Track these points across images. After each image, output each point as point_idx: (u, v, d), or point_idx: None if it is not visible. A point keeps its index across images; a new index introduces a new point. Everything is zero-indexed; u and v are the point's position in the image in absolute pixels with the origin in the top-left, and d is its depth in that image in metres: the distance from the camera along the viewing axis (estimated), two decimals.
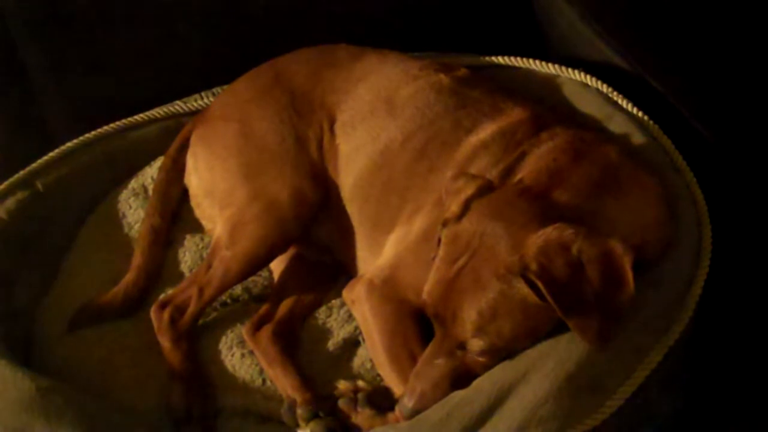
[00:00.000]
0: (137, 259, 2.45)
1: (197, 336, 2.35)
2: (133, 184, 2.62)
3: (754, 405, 2.35)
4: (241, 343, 2.33)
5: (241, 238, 2.33)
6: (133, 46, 2.78)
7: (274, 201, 2.33)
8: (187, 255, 2.50)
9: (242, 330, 2.34)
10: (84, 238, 2.55)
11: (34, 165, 2.56)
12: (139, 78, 2.82)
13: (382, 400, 2.11)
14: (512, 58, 2.61)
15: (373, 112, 2.37)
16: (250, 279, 2.43)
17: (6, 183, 2.51)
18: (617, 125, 2.34)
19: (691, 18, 2.48)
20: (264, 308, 2.38)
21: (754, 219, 2.25)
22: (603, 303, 1.82)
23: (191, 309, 2.32)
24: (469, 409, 1.90)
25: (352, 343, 2.30)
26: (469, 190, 2.00)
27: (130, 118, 2.67)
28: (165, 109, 2.70)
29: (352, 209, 2.36)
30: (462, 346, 1.95)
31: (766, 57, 2.38)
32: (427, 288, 1.97)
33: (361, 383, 2.16)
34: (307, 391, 2.18)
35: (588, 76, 2.46)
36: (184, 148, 2.53)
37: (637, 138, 2.29)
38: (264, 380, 2.26)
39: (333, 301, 2.39)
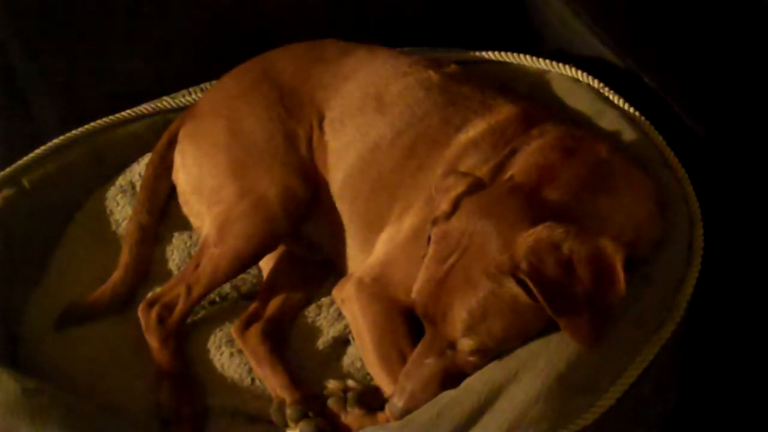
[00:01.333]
0: (125, 256, 2.44)
1: (185, 335, 2.34)
2: (121, 180, 2.60)
3: (747, 403, 2.35)
4: (230, 342, 2.31)
5: (230, 236, 2.31)
6: (119, 42, 2.76)
7: (263, 198, 2.31)
8: (175, 253, 2.48)
9: (231, 329, 2.33)
10: (71, 235, 2.54)
11: (20, 162, 2.54)
12: (125, 74, 2.80)
13: (372, 400, 2.10)
14: (503, 54, 2.59)
15: (362, 108, 2.35)
16: (239, 277, 2.41)
17: None
18: (608, 121, 2.32)
19: (684, 13, 2.47)
20: (253, 306, 2.36)
21: (746, 216, 2.24)
22: (594, 302, 1.81)
23: (179, 308, 2.30)
24: (459, 409, 1.89)
25: (342, 342, 2.29)
26: (459, 187, 1.98)
27: (117, 114, 2.65)
28: (152, 105, 2.67)
29: (342, 207, 2.34)
30: (452, 345, 1.93)
31: (758, 53, 2.37)
32: (417, 287, 1.95)
33: (350, 382, 2.15)
34: (296, 391, 2.17)
35: (579, 72, 2.44)
36: (171, 144, 2.52)
37: (629, 134, 2.27)
38: (253, 379, 2.25)
39: (323, 300, 2.37)
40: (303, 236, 2.41)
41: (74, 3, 2.68)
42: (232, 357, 2.29)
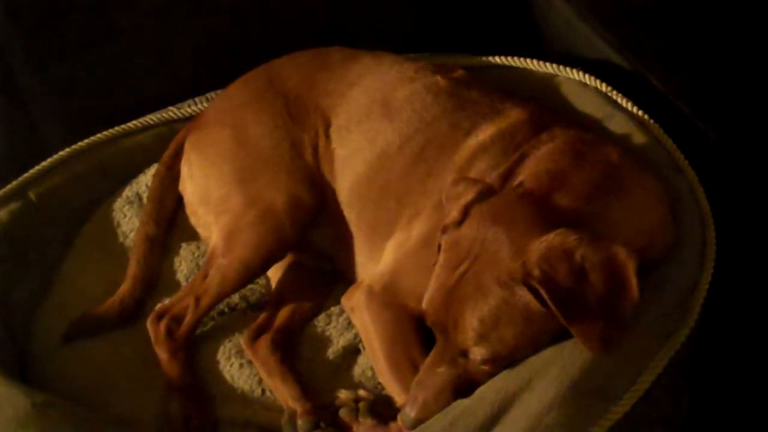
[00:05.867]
0: (132, 268, 2.43)
1: (195, 346, 2.32)
2: (128, 192, 2.59)
3: (762, 407, 2.33)
4: (240, 352, 2.30)
5: (238, 246, 2.30)
6: (124, 52, 2.75)
7: (270, 207, 2.30)
8: (183, 264, 2.47)
9: (240, 339, 2.32)
10: (79, 248, 2.52)
11: (26, 175, 2.53)
12: (130, 84, 2.79)
13: (383, 410, 2.09)
14: (509, 58, 2.58)
15: (369, 115, 2.34)
16: (248, 287, 2.40)
17: None
18: (617, 125, 2.30)
19: (692, 14, 2.45)
20: (262, 317, 2.35)
21: (758, 219, 2.23)
22: (607, 310, 1.79)
23: (188, 319, 2.29)
24: (472, 418, 1.87)
25: (352, 351, 2.27)
26: (469, 194, 1.96)
27: (123, 126, 2.64)
28: (158, 116, 2.66)
29: (350, 214, 2.33)
30: (464, 354, 1.91)
31: (767, 54, 2.35)
32: (428, 296, 1.94)
33: (362, 392, 2.13)
34: (307, 402, 2.16)
35: (587, 75, 2.43)
36: (178, 154, 2.51)
37: (638, 138, 2.26)
38: (263, 390, 2.24)
39: (332, 309, 2.36)
40: (311, 245, 2.39)
41: (77, 15, 2.67)
42: (242, 368, 2.27)
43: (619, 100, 2.36)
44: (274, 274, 2.43)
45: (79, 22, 2.69)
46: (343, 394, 2.13)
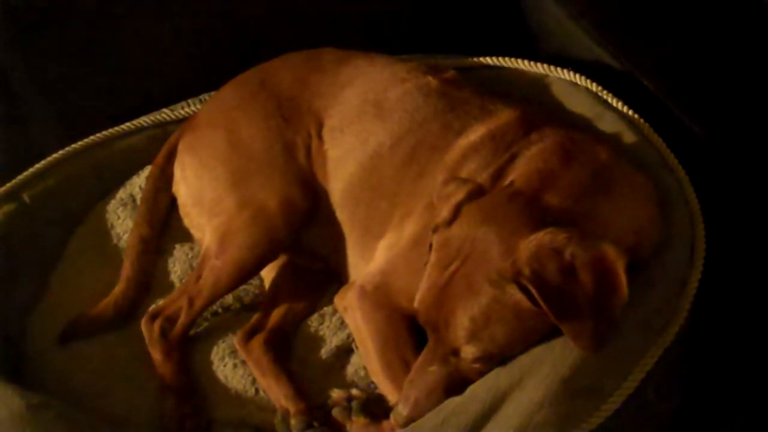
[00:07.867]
0: (126, 270, 2.44)
1: (189, 347, 2.33)
2: (121, 194, 2.59)
3: (752, 405, 2.34)
4: (233, 353, 2.31)
5: (231, 247, 2.31)
6: (118, 54, 2.76)
7: (263, 208, 2.31)
8: (177, 265, 2.48)
9: (234, 340, 2.33)
10: (73, 249, 2.53)
11: (20, 177, 2.54)
12: (125, 86, 2.80)
13: (376, 408, 2.10)
14: (500, 59, 2.59)
15: (361, 116, 2.34)
16: (241, 288, 2.41)
17: None
18: (607, 124, 2.32)
19: (681, 15, 2.47)
20: (255, 317, 2.36)
21: (747, 216, 2.24)
22: (596, 308, 1.80)
23: (182, 320, 2.30)
24: (464, 416, 1.89)
25: (345, 351, 2.28)
26: (460, 194, 1.98)
27: (116, 128, 2.65)
28: (152, 118, 2.67)
29: (343, 215, 2.34)
30: (455, 352, 1.92)
31: (756, 53, 2.36)
32: (419, 295, 1.95)
33: (355, 391, 2.14)
34: (300, 401, 2.17)
35: (577, 75, 2.44)
36: (171, 156, 2.52)
37: (628, 137, 2.27)
38: (257, 390, 2.25)
39: (325, 309, 2.37)
40: (304, 245, 2.40)
41: (73, 17, 2.67)
42: (236, 368, 2.28)
43: (609, 99, 2.37)
44: (268, 274, 2.44)
45: (74, 23, 2.70)
46: (336, 394, 2.14)
